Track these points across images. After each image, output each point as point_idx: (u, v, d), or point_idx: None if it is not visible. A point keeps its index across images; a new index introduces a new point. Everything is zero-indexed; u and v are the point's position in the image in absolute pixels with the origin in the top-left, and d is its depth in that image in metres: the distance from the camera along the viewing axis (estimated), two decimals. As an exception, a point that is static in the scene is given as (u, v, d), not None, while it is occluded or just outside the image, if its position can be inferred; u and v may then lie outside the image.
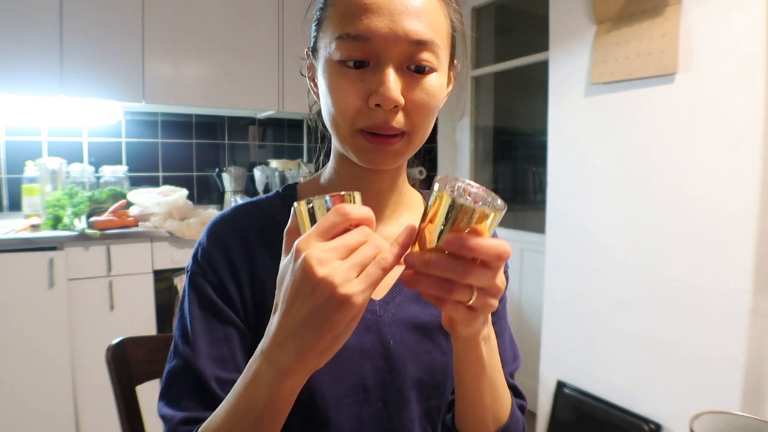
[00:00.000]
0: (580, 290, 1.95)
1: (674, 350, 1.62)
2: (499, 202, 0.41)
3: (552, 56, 2.05)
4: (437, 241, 0.40)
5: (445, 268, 0.39)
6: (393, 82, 0.52)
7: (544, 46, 2.12)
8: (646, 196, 1.70)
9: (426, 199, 0.70)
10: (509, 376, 0.66)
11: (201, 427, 0.49)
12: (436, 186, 0.41)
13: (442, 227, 0.40)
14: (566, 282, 2.01)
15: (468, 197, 0.40)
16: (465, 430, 0.60)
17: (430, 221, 0.41)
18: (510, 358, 0.68)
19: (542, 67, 2.18)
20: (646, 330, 1.71)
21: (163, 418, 0.55)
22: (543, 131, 2.12)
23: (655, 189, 1.67)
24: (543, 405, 2.10)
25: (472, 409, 0.57)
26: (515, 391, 0.66)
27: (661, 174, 1.65)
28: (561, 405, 2.01)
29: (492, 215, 0.39)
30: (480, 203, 0.40)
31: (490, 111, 3.06)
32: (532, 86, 2.55)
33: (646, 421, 1.69)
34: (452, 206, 0.39)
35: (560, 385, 2.02)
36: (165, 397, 0.56)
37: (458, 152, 3.05)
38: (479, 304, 0.41)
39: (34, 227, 1.96)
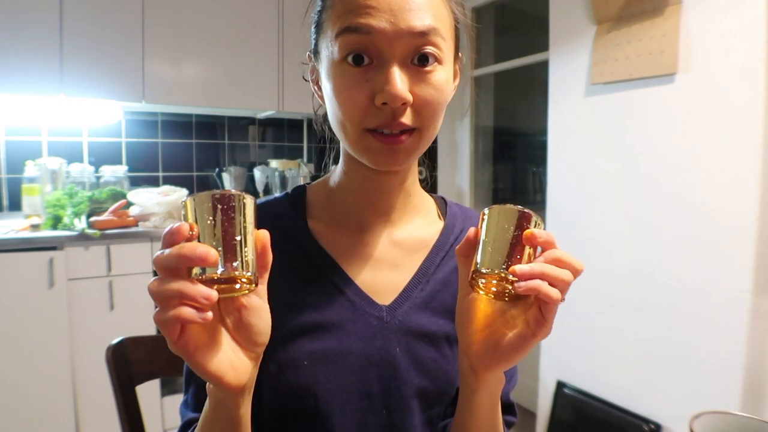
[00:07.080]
0: (580, 290, 1.93)
1: (674, 350, 1.62)
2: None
3: (552, 56, 2.05)
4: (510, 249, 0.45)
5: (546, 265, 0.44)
6: (399, 79, 0.50)
7: (544, 46, 2.11)
8: (646, 196, 1.70)
9: (443, 208, 0.70)
10: (506, 395, 0.66)
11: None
12: (486, 211, 0.47)
13: (512, 236, 0.45)
14: (566, 282, 2.01)
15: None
16: None
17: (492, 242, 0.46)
18: (509, 376, 0.66)
19: (542, 67, 2.18)
20: (646, 330, 1.71)
21: (180, 414, 0.60)
22: (543, 131, 2.11)
23: (655, 189, 1.67)
24: (543, 405, 2.09)
25: None
26: (511, 410, 0.66)
27: (661, 174, 1.65)
28: (561, 405, 2.01)
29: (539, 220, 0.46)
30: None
31: (490, 111, 3.06)
32: (532, 86, 2.55)
33: (646, 421, 1.69)
34: (517, 216, 0.45)
35: (560, 385, 2.02)
36: (184, 394, 0.60)
37: (458, 152, 3.05)
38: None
39: (34, 227, 1.96)
